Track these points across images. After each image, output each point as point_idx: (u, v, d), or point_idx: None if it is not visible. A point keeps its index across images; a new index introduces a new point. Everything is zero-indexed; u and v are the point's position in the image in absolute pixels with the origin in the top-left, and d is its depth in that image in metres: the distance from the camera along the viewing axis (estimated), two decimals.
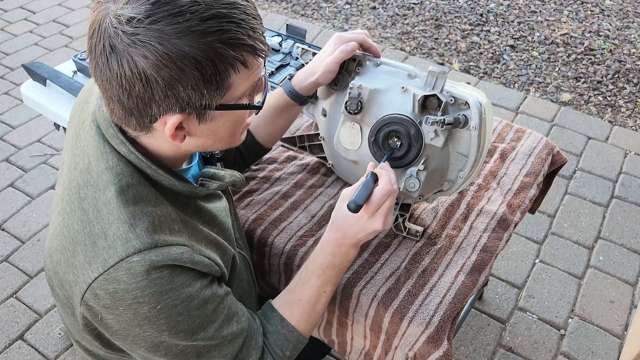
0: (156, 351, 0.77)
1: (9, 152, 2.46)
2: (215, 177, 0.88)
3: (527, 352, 1.77)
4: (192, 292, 0.76)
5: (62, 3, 3.49)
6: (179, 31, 0.64)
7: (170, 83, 0.67)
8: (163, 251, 0.72)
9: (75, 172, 0.78)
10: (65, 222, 0.76)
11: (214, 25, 0.66)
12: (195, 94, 0.68)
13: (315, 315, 0.94)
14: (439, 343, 0.98)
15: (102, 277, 0.71)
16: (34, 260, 2.03)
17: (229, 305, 0.84)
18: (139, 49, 0.65)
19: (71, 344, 1.79)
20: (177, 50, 0.65)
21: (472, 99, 0.97)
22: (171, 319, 0.74)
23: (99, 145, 0.77)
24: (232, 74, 0.70)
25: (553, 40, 3.17)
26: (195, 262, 0.76)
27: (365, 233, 0.89)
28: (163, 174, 0.78)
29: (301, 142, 1.29)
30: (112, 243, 0.72)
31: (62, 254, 0.75)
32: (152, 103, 0.69)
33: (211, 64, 0.67)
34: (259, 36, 0.71)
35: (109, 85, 0.69)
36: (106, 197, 0.74)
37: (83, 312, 0.75)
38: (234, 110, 0.75)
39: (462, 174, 1.03)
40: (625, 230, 2.13)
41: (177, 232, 0.77)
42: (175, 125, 0.71)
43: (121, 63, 0.66)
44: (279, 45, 1.64)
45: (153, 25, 0.64)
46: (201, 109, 0.71)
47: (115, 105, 0.71)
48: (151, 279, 0.71)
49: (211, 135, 0.77)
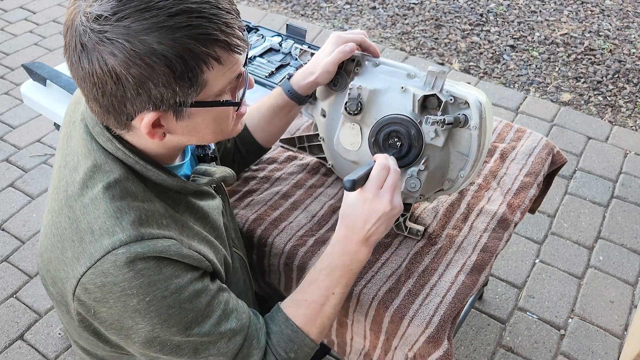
0: (151, 346, 0.77)
1: (9, 152, 2.46)
2: (207, 174, 0.87)
3: (527, 352, 1.77)
4: (181, 284, 0.75)
5: (62, 3, 3.49)
6: (146, 27, 0.64)
7: (141, 80, 0.66)
8: (149, 243, 0.72)
9: (64, 171, 0.78)
10: (54, 220, 0.76)
11: (183, 21, 0.65)
12: (168, 91, 0.68)
13: (324, 318, 0.91)
14: (439, 343, 0.98)
15: (90, 271, 0.71)
16: (34, 260, 2.03)
17: (225, 300, 0.82)
18: (107, 46, 0.64)
19: (71, 344, 1.79)
20: (145, 47, 0.64)
21: (472, 98, 0.97)
22: (162, 311, 0.74)
23: (86, 143, 0.77)
24: (206, 70, 0.69)
25: (553, 40, 3.17)
26: (183, 256, 0.75)
27: (374, 219, 0.86)
28: (151, 169, 0.77)
29: (300, 142, 1.29)
30: (98, 237, 0.72)
31: (52, 252, 0.76)
32: (125, 101, 0.68)
33: (181, 60, 0.66)
34: (234, 31, 0.69)
35: (84, 83, 0.69)
36: (93, 193, 0.74)
37: (77, 307, 0.75)
38: (213, 107, 0.75)
39: (463, 173, 1.03)
40: (625, 230, 2.13)
41: (166, 226, 0.76)
42: (151, 123, 0.71)
43: (92, 61, 0.66)
44: (279, 45, 1.64)
45: (120, 22, 0.64)
46: (176, 106, 0.70)
47: (93, 103, 0.71)
48: (137, 269, 0.71)
49: (192, 132, 0.76)
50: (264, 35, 1.68)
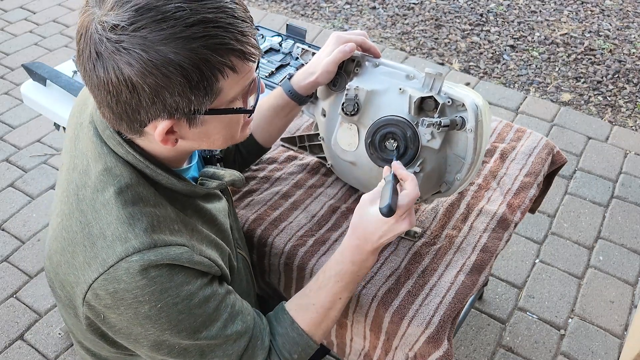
0: (159, 350, 0.78)
1: (9, 152, 2.46)
2: (215, 177, 0.88)
3: (527, 352, 1.77)
4: (192, 290, 0.76)
5: (62, 3, 3.49)
6: (163, 38, 0.64)
7: (157, 90, 0.66)
8: (162, 251, 0.72)
9: (74, 174, 0.78)
10: (64, 223, 0.76)
11: (199, 31, 0.65)
12: (183, 100, 0.68)
13: (328, 321, 0.93)
14: (439, 343, 0.98)
15: (102, 277, 0.71)
16: (34, 260, 2.03)
17: (231, 303, 0.83)
18: (124, 56, 0.64)
19: (71, 344, 1.79)
20: (162, 58, 0.64)
21: (469, 100, 0.96)
22: (172, 317, 0.74)
23: (96, 146, 0.77)
24: (221, 79, 0.69)
25: (553, 40, 3.17)
26: (194, 262, 0.76)
27: (391, 236, 0.88)
28: (162, 173, 0.78)
29: (301, 142, 1.29)
30: (110, 243, 0.72)
31: (61, 255, 0.75)
32: (139, 109, 0.68)
33: (197, 70, 0.66)
34: (248, 39, 0.69)
35: (97, 90, 0.69)
36: (104, 198, 0.74)
37: (86, 312, 0.75)
38: (226, 114, 0.75)
39: (459, 176, 1.02)
40: (625, 230, 2.13)
41: (177, 232, 0.77)
42: (165, 131, 0.71)
43: (107, 70, 0.66)
44: (279, 45, 1.64)
45: (137, 33, 0.64)
46: (190, 114, 0.71)
47: (105, 109, 0.71)
48: (150, 277, 0.71)
49: (204, 138, 0.77)
50: (264, 35, 1.68)
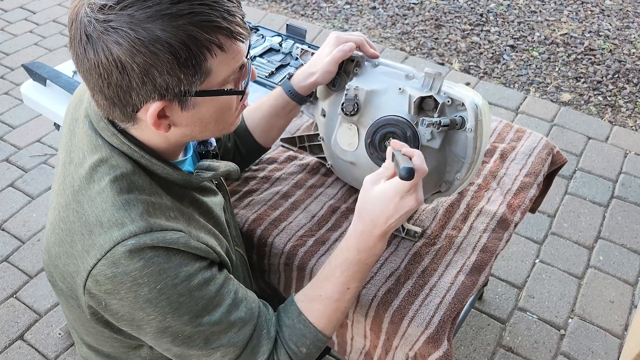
0: (163, 336, 0.77)
1: (9, 152, 2.46)
2: (210, 168, 0.88)
3: (527, 352, 1.77)
4: (190, 271, 0.76)
5: (62, 3, 3.49)
6: (149, 15, 0.65)
7: (146, 68, 0.67)
8: (158, 235, 0.73)
9: (70, 167, 0.79)
10: (61, 215, 0.76)
11: (185, 8, 0.66)
12: (172, 79, 0.68)
13: (338, 313, 0.90)
14: (439, 343, 0.98)
15: (100, 262, 0.71)
16: (34, 260, 2.03)
17: (234, 290, 0.83)
18: (112, 35, 0.65)
19: (71, 344, 1.79)
20: (149, 35, 0.65)
21: (468, 100, 0.96)
22: (173, 299, 0.74)
23: (91, 139, 0.78)
24: (209, 58, 0.69)
25: (553, 40, 3.17)
26: (191, 247, 0.76)
27: (398, 216, 0.84)
28: (157, 163, 0.78)
29: (301, 142, 1.29)
30: (107, 229, 0.72)
31: (60, 246, 0.76)
32: (130, 91, 0.69)
33: (185, 47, 0.67)
34: (235, 19, 0.70)
35: (89, 75, 0.70)
36: (100, 186, 0.74)
37: (88, 301, 0.75)
38: (217, 96, 0.75)
39: (459, 176, 1.02)
40: (625, 230, 2.13)
41: (174, 219, 0.77)
42: (157, 113, 0.72)
43: (97, 51, 0.66)
44: (279, 45, 1.64)
45: (124, 11, 0.65)
46: (181, 95, 0.71)
47: (98, 96, 0.72)
48: (147, 258, 0.72)
49: (197, 123, 0.77)
50: (264, 35, 1.68)
